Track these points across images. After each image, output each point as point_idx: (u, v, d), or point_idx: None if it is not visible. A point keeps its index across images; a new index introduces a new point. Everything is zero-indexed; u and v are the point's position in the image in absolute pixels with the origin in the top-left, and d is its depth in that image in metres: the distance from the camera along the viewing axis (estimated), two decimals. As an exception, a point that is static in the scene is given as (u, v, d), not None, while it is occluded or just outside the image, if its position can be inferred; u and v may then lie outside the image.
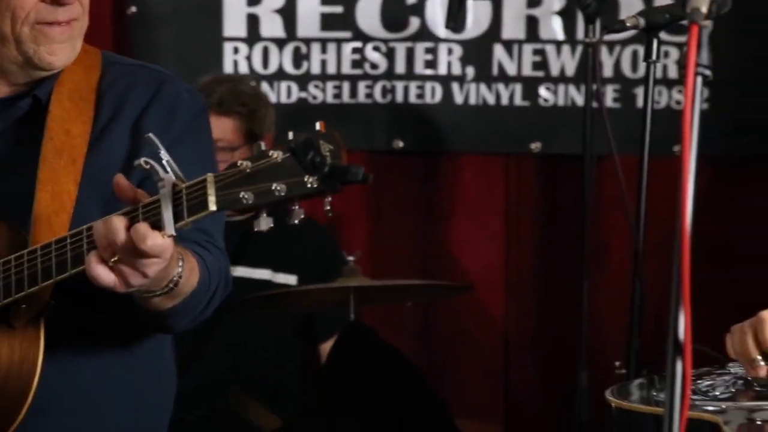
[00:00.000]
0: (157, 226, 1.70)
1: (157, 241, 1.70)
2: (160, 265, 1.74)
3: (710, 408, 1.78)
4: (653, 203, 3.07)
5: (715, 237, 3.75)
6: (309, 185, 1.64)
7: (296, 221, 1.68)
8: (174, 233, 1.70)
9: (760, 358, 1.90)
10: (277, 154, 1.67)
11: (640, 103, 3.52)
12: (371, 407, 3.09)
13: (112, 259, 1.73)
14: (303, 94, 3.87)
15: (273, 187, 1.65)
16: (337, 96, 3.87)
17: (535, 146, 3.84)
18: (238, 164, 1.67)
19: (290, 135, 1.69)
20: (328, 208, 1.69)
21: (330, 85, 3.87)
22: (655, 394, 1.96)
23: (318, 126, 1.68)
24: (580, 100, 3.75)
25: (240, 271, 3.46)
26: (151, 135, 1.73)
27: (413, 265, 3.88)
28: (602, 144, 3.04)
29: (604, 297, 3.68)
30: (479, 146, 3.88)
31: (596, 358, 3.39)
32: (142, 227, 1.70)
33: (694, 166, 1.46)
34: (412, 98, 3.86)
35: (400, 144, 3.89)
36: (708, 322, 3.78)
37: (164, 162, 1.70)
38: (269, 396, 3.36)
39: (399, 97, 3.86)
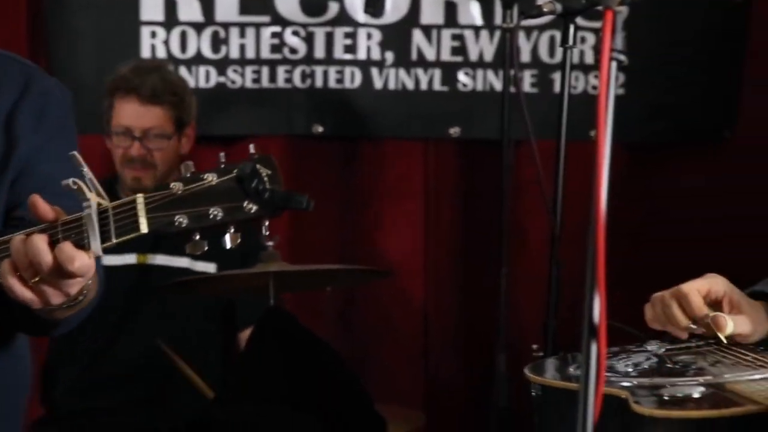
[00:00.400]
0: (80, 245, 1.67)
1: (84, 261, 1.67)
2: (82, 284, 1.72)
3: (620, 384, 1.80)
4: (570, 188, 3.10)
5: (630, 222, 3.80)
6: (247, 210, 1.63)
7: (231, 246, 1.67)
8: (101, 254, 1.67)
9: (694, 326, 1.94)
10: (211, 177, 1.65)
11: (557, 88, 3.55)
12: (292, 393, 3.09)
13: (33, 280, 1.69)
14: (221, 79, 3.85)
15: (210, 212, 1.63)
16: (256, 81, 3.86)
17: (454, 131, 3.86)
18: (170, 186, 1.65)
19: (222, 157, 1.68)
20: (267, 233, 1.69)
21: (249, 70, 3.85)
22: (572, 371, 1.98)
23: (252, 149, 1.67)
24: (498, 86, 3.77)
25: (159, 260, 3.45)
26: (75, 153, 1.69)
27: (333, 251, 3.88)
28: (520, 129, 3.06)
29: (522, 280, 3.71)
30: (398, 131, 3.88)
31: (514, 341, 3.42)
32: (68, 248, 1.66)
33: (609, 152, 1.48)
34: (332, 83, 3.86)
35: (320, 129, 3.88)
36: (623, 306, 3.83)
37: (88, 180, 1.67)
38: (191, 384, 3.34)
39: (318, 82, 3.86)
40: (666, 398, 1.72)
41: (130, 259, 3.44)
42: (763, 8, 3.81)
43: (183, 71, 3.81)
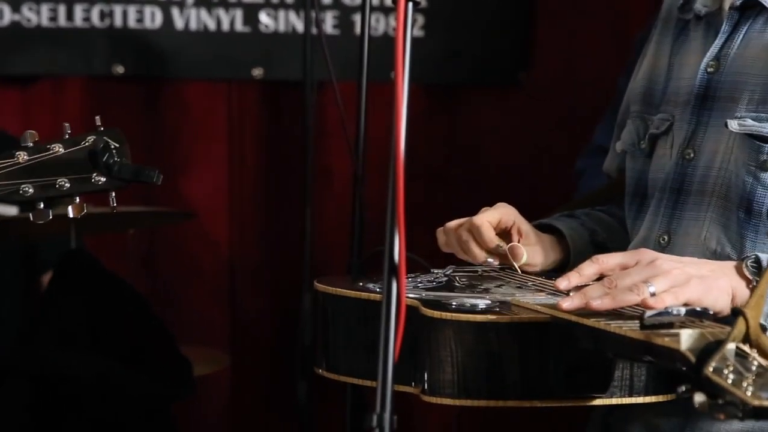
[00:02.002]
0: None
1: None
2: None
3: (410, 296, 1.85)
4: (372, 128, 3.14)
5: (431, 161, 3.86)
6: (95, 182, 1.63)
7: (77, 216, 1.67)
8: None
9: (491, 260, 2.01)
10: (58, 148, 1.64)
11: (358, 30, 3.57)
12: (94, 337, 3.06)
13: None
14: (16, 17, 3.75)
15: (57, 182, 1.63)
16: (53, 19, 3.76)
17: (257, 72, 3.85)
18: (15, 155, 1.63)
19: (67, 128, 1.67)
20: (114, 204, 1.70)
21: (45, 8, 3.76)
22: (366, 284, 2.02)
23: (98, 121, 1.67)
24: (300, 27, 3.77)
25: (-45, 203, 3.37)
26: None
27: (135, 193, 3.83)
28: (322, 70, 3.08)
29: (326, 220, 3.75)
30: (201, 72, 3.85)
31: (319, 281, 3.45)
32: None
33: (408, 93, 1.50)
34: (132, 23, 3.80)
35: (121, 70, 3.82)
36: (426, 243, 3.91)
37: None
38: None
39: (118, 21, 3.79)
40: (453, 305, 1.79)
41: (-76, 203, 3.36)
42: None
43: (-26, 9, 3.70)
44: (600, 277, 1.76)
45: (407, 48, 1.51)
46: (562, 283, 1.76)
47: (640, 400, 1.74)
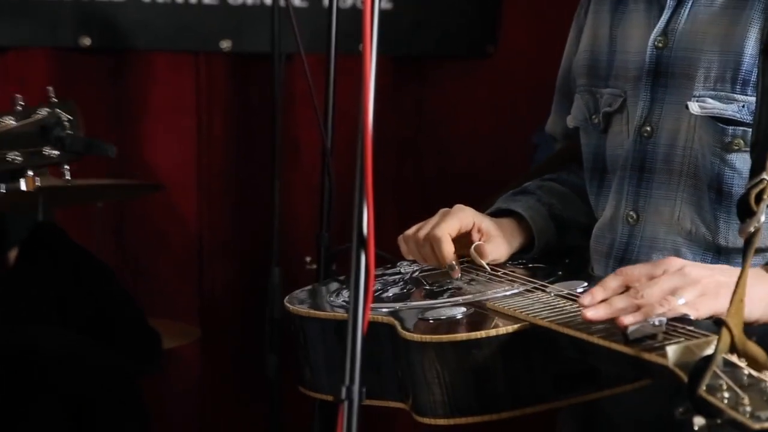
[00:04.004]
0: None
1: None
2: None
3: (384, 310, 1.84)
4: (341, 101, 3.14)
5: (400, 133, 3.86)
6: (48, 156, 1.61)
7: (31, 190, 1.66)
8: None
9: (455, 263, 2.00)
10: (9, 121, 1.62)
11: (326, 2, 3.56)
12: (63, 311, 3.05)
13: None
14: (-20, -12, 3.72)
15: (8, 156, 1.61)
16: (19, -9, 3.74)
17: (225, 45, 3.83)
18: None
19: (18, 100, 1.65)
20: (68, 177, 1.68)
21: (11, -20, 3.73)
22: (332, 299, 2.02)
23: (51, 92, 1.64)
24: (268, -1, 3.76)
25: None
26: None
27: (104, 166, 3.82)
28: (291, 42, 3.07)
29: (296, 193, 3.74)
30: (168, 44, 3.83)
31: (289, 253, 3.45)
32: None
33: (376, 65, 1.50)
34: (99, -6, 3.77)
35: (87, 41, 3.79)
36: (395, 214, 3.92)
37: None
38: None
39: (85, -7, 3.76)
40: (431, 321, 1.77)
41: None
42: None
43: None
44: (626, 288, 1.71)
45: (375, 20, 1.51)
46: (586, 299, 1.69)
47: (628, 387, 1.71)
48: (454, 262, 2.00)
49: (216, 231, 3.93)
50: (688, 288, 1.66)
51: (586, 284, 1.88)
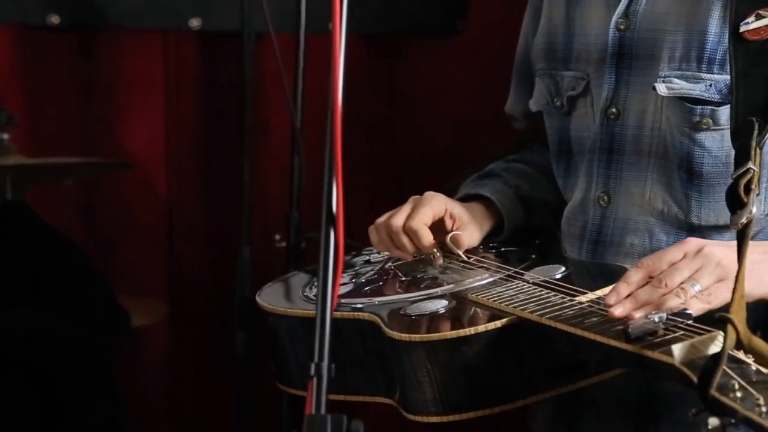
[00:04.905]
0: None
1: None
2: None
3: (360, 305, 1.84)
4: (311, 80, 3.14)
5: (371, 112, 3.87)
6: None
7: None
8: None
9: (437, 251, 2.00)
10: None
11: (297, -20, 3.55)
12: (31, 288, 3.05)
13: None
14: (-53, -35, 3.69)
15: None
16: (-14, -32, 3.71)
17: (195, 23, 3.82)
18: None
19: None
20: None
21: (-22, -44, 3.70)
22: (305, 293, 2.01)
23: None
24: (238, -23, 3.74)
25: None
26: None
27: (72, 144, 3.81)
28: (261, 21, 3.06)
29: (266, 172, 3.74)
30: (137, 22, 3.81)
31: (258, 232, 3.45)
32: None
33: (345, 44, 1.51)
34: (67, -29, 3.75)
35: (56, 20, 3.77)
36: (366, 192, 3.92)
37: None
38: None
39: (53, -30, 3.74)
40: (413, 317, 1.76)
41: None
42: None
43: None
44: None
45: (345, -1, 1.51)
46: (612, 297, 1.68)
47: (617, 372, 1.71)
48: (435, 250, 1.99)
49: (185, 209, 3.92)
50: (707, 271, 1.66)
51: (563, 269, 1.88)
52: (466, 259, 1.99)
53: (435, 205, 2.02)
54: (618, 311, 1.63)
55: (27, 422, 2.96)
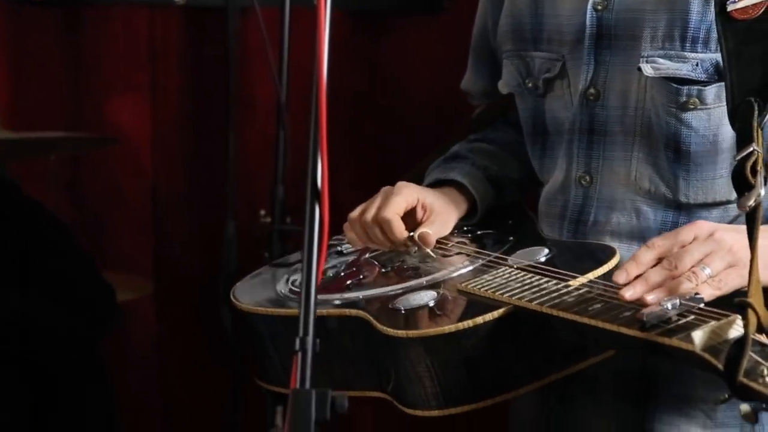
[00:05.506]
0: None
1: None
2: None
3: (346, 301, 1.82)
4: (296, 55, 3.14)
5: (356, 88, 3.86)
6: None
7: None
8: None
9: (414, 238, 1.99)
10: None
11: (282, -45, 3.54)
12: (18, 266, 3.04)
13: None
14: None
15: None
16: (-30, -59, 3.69)
17: (180, -3, 3.81)
18: None
19: None
20: None
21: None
22: (283, 290, 1.99)
23: None
24: (224, -48, 3.73)
25: None
26: None
27: (58, 119, 3.80)
28: (246, -4, 3.06)
29: (251, 147, 3.74)
30: (122, -3, 3.80)
31: (243, 207, 3.46)
32: None
33: (330, 19, 1.50)
34: (52, -54, 3.74)
35: (41, -6, 3.76)
36: (350, 168, 3.92)
37: None
38: None
39: (38, -55, 3.72)
40: (403, 312, 1.74)
41: None
42: None
43: None
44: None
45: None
46: (621, 276, 1.66)
47: (611, 351, 1.69)
48: (410, 241, 1.98)
49: (171, 184, 3.92)
50: (717, 256, 1.64)
51: (546, 251, 1.86)
52: (435, 256, 1.96)
53: (407, 194, 2.00)
54: (628, 294, 1.61)
55: (11, 399, 2.96)
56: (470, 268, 1.84)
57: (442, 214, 2.04)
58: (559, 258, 1.85)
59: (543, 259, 1.82)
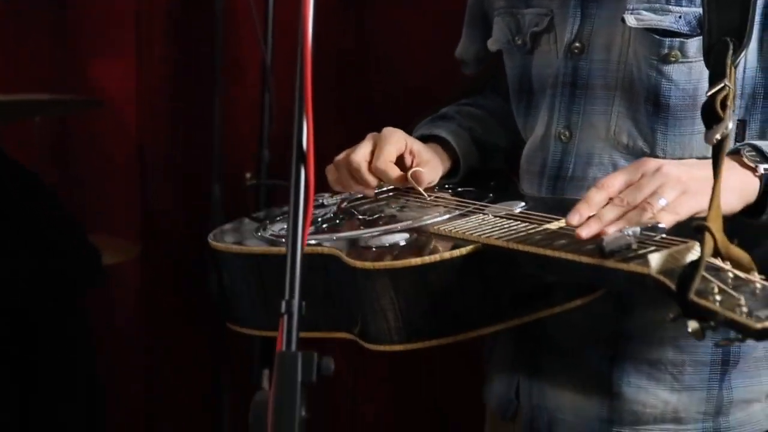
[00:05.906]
0: None
1: None
2: None
3: (320, 240, 1.81)
4: (281, 15, 3.12)
5: (342, 48, 3.84)
6: None
7: None
8: None
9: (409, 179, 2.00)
10: None
11: None
12: (3, 228, 3.04)
13: None
14: None
15: None
16: None
17: (165, -42, 3.79)
18: None
19: None
20: None
21: None
22: (259, 233, 1.98)
23: None
24: None
25: None
26: None
27: (41, 80, 3.78)
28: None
29: (237, 109, 3.73)
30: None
31: (229, 170, 3.45)
32: None
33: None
34: None
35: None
36: (337, 129, 3.91)
37: None
38: None
39: None
40: (374, 249, 1.74)
41: None
42: None
43: None
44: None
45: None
46: (574, 217, 1.67)
47: (579, 303, 1.71)
48: (406, 181, 1.99)
49: (157, 147, 3.91)
50: (668, 187, 1.66)
51: (523, 204, 1.88)
52: (426, 197, 1.98)
53: (396, 140, 2.01)
54: (584, 232, 1.63)
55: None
56: (447, 216, 1.86)
57: (430, 162, 2.05)
58: (535, 210, 1.86)
59: (518, 210, 1.83)
